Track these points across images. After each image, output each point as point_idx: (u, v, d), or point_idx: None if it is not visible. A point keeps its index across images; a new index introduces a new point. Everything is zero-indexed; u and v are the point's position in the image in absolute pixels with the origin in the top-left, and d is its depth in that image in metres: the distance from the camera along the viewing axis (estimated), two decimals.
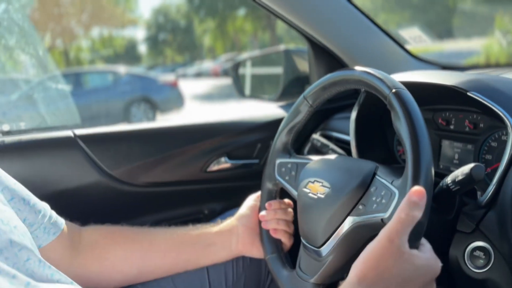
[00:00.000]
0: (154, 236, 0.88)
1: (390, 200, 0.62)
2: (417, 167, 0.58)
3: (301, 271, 0.77)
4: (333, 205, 0.70)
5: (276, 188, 0.88)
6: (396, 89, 0.64)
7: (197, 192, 1.22)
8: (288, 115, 0.86)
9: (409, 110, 0.61)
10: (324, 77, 0.78)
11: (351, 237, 0.68)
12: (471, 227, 0.73)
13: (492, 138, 0.86)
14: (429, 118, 0.99)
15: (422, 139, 0.59)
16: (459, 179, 0.66)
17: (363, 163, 0.72)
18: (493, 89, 0.77)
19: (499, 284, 0.69)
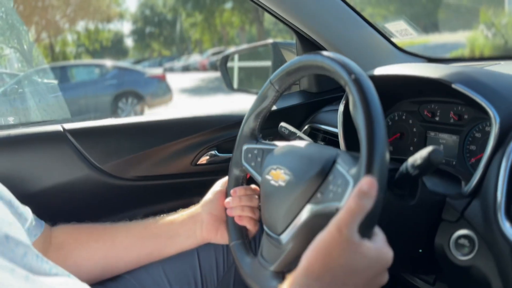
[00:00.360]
0: (116, 232, 0.89)
1: (345, 189, 0.61)
2: (371, 156, 0.57)
3: (262, 258, 0.77)
4: (293, 192, 0.70)
5: (243, 174, 0.88)
6: (355, 75, 0.62)
7: (187, 185, 1.22)
8: (255, 100, 0.86)
9: (366, 98, 0.59)
10: (288, 62, 0.79)
11: (310, 226, 0.68)
12: (456, 216, 0.75)
13: (476, 129, 0.88)
14: (415, 110, 1.01)
15: (378, 129, 0.57)
16: (418, 164, 0.65)
17: (325, 150, 0.72)
18: (477, 81, 0.79)
19: (483, 271, 0.71)
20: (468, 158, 0.89)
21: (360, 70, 0.64)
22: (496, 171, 0.69)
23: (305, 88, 1.42)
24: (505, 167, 0.68)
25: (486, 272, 0.70)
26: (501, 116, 0.73)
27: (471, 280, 0.73)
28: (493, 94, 0.76)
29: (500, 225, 0.65)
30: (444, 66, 0.88)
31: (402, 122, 1.04)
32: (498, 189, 0.67)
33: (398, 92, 1.00)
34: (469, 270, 0.73)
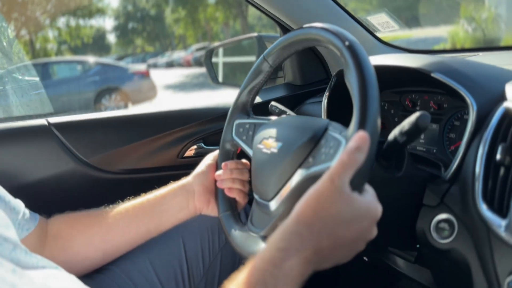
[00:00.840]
0: (111, 215, 0.88)
1: (338, 149, 0.63)
2: (364, 114, 0.58)
3: (252, 225, 0.78)
4: (285, 158, 0.71)
5: (234, 149, 0.89)
6: (349, 42, 0.64)
7: (173, 177, 1.22)
8: (248, 75, 0.86)
9: (360, 62, 0.62)
10: (282, 37, 0.80)
11: (301, 190, 0.67)
12: (436, 201, 0.77)
13: (455, 117, 0.91)
14: (397, 100, 1.03)
15: (371, 89, 0.60)
16: (406, 129, 0.67)
17: (317, 120, 0.74)
18: (455, 70, 0.82)
19: (462, 253, 0.73)
20: (448, 145, 0.92)
21: (353, 37, 0.66)
22: (474, 157, 0.72)
23: (290, 80, 1.43)
24: (482, 153, 0.71)
25: (465, 254, 0.73)
26: (478, 104, 0.76)
27: (451, 262, 0.76)
28: (470, 83, 0.79)
29: (478, 209, 0.68)
30: (424, 56, 0.91)
31: (384, 112, 1.07)
32: (475, 174, 0.70)
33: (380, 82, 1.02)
34: (449, 252, 0.75)
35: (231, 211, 0.86)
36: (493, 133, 0.71)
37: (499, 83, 0.79)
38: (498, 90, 0.78)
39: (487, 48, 1.33)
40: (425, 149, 0.96)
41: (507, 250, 0.62)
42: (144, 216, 0.89)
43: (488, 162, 0.70)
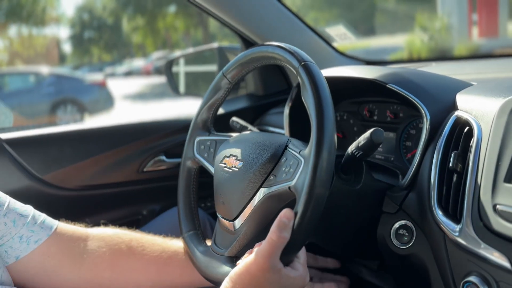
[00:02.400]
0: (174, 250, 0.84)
1: (297, 168, 0.65)
2: (321, 134, 0.61)
3: (215, 245, 0.77)
4: (247, 177, 0.71)
5: (195, 166, 0.88)
6: (305, 62, 0.66)
7: (134, 193, 1.20)
8: (207, 92, 0.86)
9: (316, 82, 0.64)
10: (240, 54, 0.81)
11: (263, 209, 0.70)
12: (395, 208, 0.80)
13: (410, 126, 0.94)
14: (355, 110, 1.06)
15: (327, 109, 0.62)
16: (362, 144, 0.71)
17: (277, 137, 0.75)
18: (409, 81, 0.85)
19: (421, 258, 0.76)
20: (405, 153, 0.95)
21: (309, 57, 0.68)
22: (429, 164, 0.75)
23: (252, 91, 1.44)
24: (436, 160, 0.74)
25: (424, 259, 0.75)
26: (431, 113, 0.79)
27: (411, 267, 0.78)
28: (423, 93, 0.82)
29: (434, 214, 0.70)
30: (379, 68, 0.94)
31: (343, 122, 1.09)
32: (430, 181, 0.73)
33: (339, 93, 1.05)
34: (409, 258, 0.78)
35: (194, 231, 0.84)
36: (445, 141, 0.74)
37: (451, 93, 0.83)
38: (450, 100, 0.82)
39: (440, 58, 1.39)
40: (383, 158, 0.99)
41: (462, 254, 0.65)
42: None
43: (442, 170, 0.73)
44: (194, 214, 0.87)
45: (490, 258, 0.60)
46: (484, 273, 0.61)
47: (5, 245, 0.70)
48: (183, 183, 0.88)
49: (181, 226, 0.85)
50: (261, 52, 0.76)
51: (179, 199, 0.87)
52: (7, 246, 0.70)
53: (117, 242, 0.81)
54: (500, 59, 1.27)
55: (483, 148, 0.67)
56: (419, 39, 10.90)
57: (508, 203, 0.60)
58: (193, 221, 0.86)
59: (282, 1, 1.31)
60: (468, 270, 0.64)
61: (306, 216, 0.61)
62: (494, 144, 0.65)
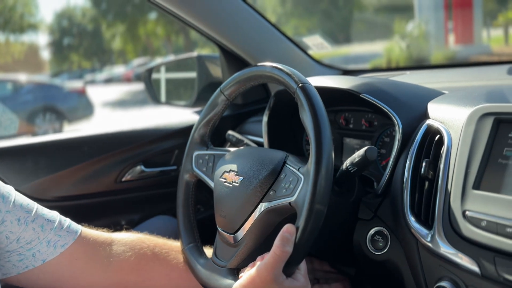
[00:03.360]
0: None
1: (297, 185, 0.68)
2: (319, 153, 0.65)
3: (216, 257, 0.79)
4: (247, 192, 0.74)
5: (193, 180, 0.90)
6: (303, 83, 0.70)
7: (112, 203, 1.19)
8: (205, 108, 0.88)
9: (313, 103, 0.68)
10: (239, 72, 0.83)
11: (263, 222, 0.73)
12: (370, 214, 0.82)
13: (385, 134, 0.96)
14: (332, 119, 1.08)
15: (324, 129, 0.66)
16: (356, 161, 0.74)
17: (274, 153, 0.78)
18: (382, 91, 0.87)
19: (396, 263, 0.78)
20: (380, 161, 0.97)
21: (306, 79, 0.72)
22: (401, 172, 0.77)
23: None
24: (408, 168, 0.76)
25: (398, 264, 0.77)
26: (403, 122, 0.81)
27: (386, 273, 0.80)
28: (396, 102, 0.84)
29: (407, 221, 0.72)
30: (354, 77, 0.96)
31: None
32: (403, 188, 0.75)
33: None
34: (384, 264, 0.79)
35: (194, 243, 0.85)
36: (417, 149, 0.77)
37: (422, 102, 0.85)
38: (421, 109, 0.84)
39: (414, 67, 1.43)
40: None
41: (434, 259, 0.66)
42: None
43: (414, 177, 0.75)
44: (193, 226, 0.88)
45: (460, 263, 0.62)
46: (455, 278, 0.63)
47: (33, 249, 0.73)
48: (181, 197, 0.89)
49: (181, 239, 0.86)
50: (259, 71, 0.79)
51: (179, 212, 0.88)
52: (35, 250, 0.73)
53: (141, 247, 0.83)
54: (472, 68, 1.31)
55: (453, 156, 0.69)
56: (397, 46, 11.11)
57: (476, 209, 0.62)
58: (193, 233, 0.87)
59: (260, 12, 1.32)
60: (440, 275, 0.65)
61: (307, 230, 0.64)
62: (463, 151, 0.68)
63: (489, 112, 0.67)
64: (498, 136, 0.65)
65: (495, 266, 0.58)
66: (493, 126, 0.66)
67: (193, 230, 0.87)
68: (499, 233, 0.58)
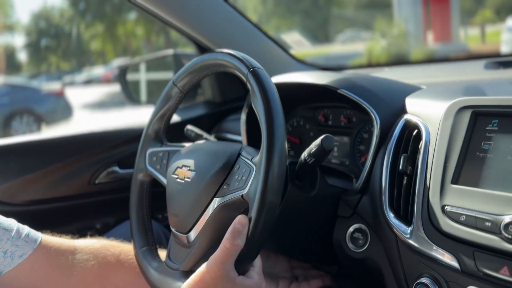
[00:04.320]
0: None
1: (249, 175, 0.64)
2: (271, 140, 0.61)
3: (170, 260, 0.75)
4: (199, 187, 0.70)
5: (148, 179, 0.86)
6: (254, 68, 0.66)
7: (86, 206, 1.15)
8: (158, 102, 0.84)
9: (265, 88, 0.64)
10: (190, 62, 0.79)
11: (218, 219, 0.68)
12: (350, 211, 0.80)
13: (363, 130, 0.95)
14: (311, 115, 1.06)
15: (276, 115, 0.62)
16: (313, 151, 0.71)
17: (230, 145, 0.74)
18: (360, 86, 0.86)
19: (376, 261, 0.76)
20: (359, 157, 0.96)
21: (258, 64, 0.68)
22: (380, 168, 0.76)
23: (209, 98, 1.42)
24: (387, 164, 0.75)
25: (378, 262, 0.76)
26: (381, 117, 0.80)
27: (367, 270, 0.79)
28: (373, 98, 0.83)
29: (386, 217, 0.71)
30: (332, 73, 0.95)
31: (300, 127, 1.09)
32: (382, 184, 0.74)
33: (295, 98, 1.05)
34: (364, 261, 0.78)
35: (148, 246, 0.81)
36: (395, 144, 0.75)
37: (400, 97, 0.84)
38: (399, 104, 0.83)
39: (392, 63, 1.43)
40: (339, 162, 1.00)
41: (414, 255, 0.65)
42: None
43: (393, 173, 0.74)
44: (147, 229, 0.84)
45: (440, 259, 0.61)
46: (435, 274, 0.62)
47: None
48: (135, 197, 0.85)
49: (134, 242, 0.82)
50: (211, 59, 0.75)
51: (132, 214, 0.84)
52: None
53: (105, 255, 0.79)
54: (449, 64, 1.31)
55: (431, 150, 0.68)
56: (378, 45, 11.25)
57: (455, 204, 0.61)
58: (147, 236, 0.83)
59: (240, 11, 1.30)
60: (420, 272, 0.64)
61: (260, 223, 0.60)
62: (441, 146, 0.67)
63: (467, 105, 0.67)
64: (476, 130, 0.65)
65: (475, 261, 0.57)
66: (471, 119, 0.65)
67: (147, 233, 0.83)
68: (478, 228, 0.57)
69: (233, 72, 0.71)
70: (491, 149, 0.62)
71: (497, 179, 0.59)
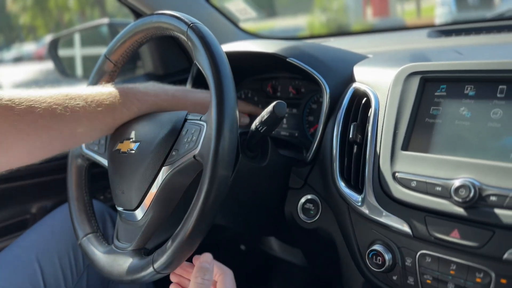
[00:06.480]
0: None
1: (200, 134, 0.60)
2: (220, 92, 0.58)
3: (118, 241, 0.69)
4: (145, 158, 0.65)
5: (86, 164, 0.79)
6: (193, 23, 0.63)
7: (19, 189, 1.05)
8: (90, 79, 0.78)
9: (208, 41, 0.61)
10: (123, 30, 0.73)
11: (168, 189, 0.64)
12: (301, 183, 0.79)
13: (312, 100, 0.94)
14: (259, 87, 1.03)
15: (222, 66, 0.59)
16: (265, 118, 0.69)
17: (175, 113, 0.69)
18: (309, 55, 0.84)
19: (328, 230, 0.76)
20: (308, 128, 0.94)
21: (196, 20, 0.64)
22: (330, 138, 0.74)
23: (150, 70, 1.34)
24: (337, 133, 0.73)
25: (330, 231, 0.75)
26: (330, 87, 0.78)
27: (319, 241, 0.78)
28: (323, 67, 0.81)
29: (337, 186, 0.70)
30: (280, 41, 0.91)
31: (248, 99, 1.06)
32: (332, 154, 0.72)
33: (241, 70, 1.01)
34: (316, 231, 0.77)
35: (93, 233, 0.75)
36: (345, 113, 0.74)
37: (348, 66, 0.83)
38: (347, 73, 0.82)
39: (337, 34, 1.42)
40: (288, 134, 0.98)
41: (366, 223, 0.65)
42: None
43: (343, 142, 0.73)
44: (90, 216, 0.78)
45: (392, 225, 0.61)
46: (387, 241, 0.62)
47: None
48: (72, 186, 0.78)
49: (76, 232, 0.76)
50: (145, 24, 0.69)
51: (71, 204, 0.78)
52: None
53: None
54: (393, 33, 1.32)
55: (381, 118, 0.68)
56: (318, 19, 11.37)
57: (406, 170, 0.61)
58: (90, 223, 0.77)
59: None
60: (372, 239, 0.64)
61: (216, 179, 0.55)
62: (391, 113, 0.66)
63: (415, 71, 0.66)
64: (425, 96, 0.65)
65: (426, 226, 0.57)
66: (420, 85, 0.65)
67: (90, 220, 0.77)
68: (428, 193, 0.58)
69: (171, 34, 0.66)
70: (440, 115, 0.62)
71: (446, 144, 0.60)
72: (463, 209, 0.54)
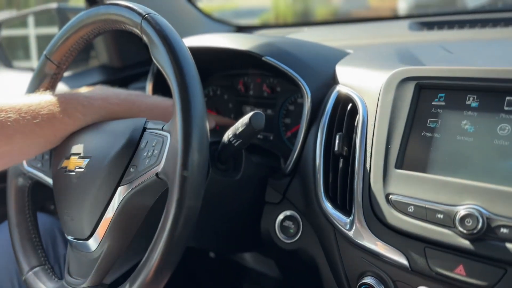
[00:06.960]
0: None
1: (163, 147, 0.51)
2: (186, 96, 0.48)
3: (70, 277, 0.59)
4: (97, 176, 0.55)
5: (28, 183, 0.68)
6: (148, 14, 0.54)
7: None
8: (30, 81, 0.66)
9: (166, 34, 0.52)
10: (65, 26, 0.62)
11: (127, 213, 0.54)
12: (279, 197, 0.71)
13: (289, 101, 0.85)
14: (229, 84, 0.93)
15: (186, 65, 0.50)
16: (240, 131, 0.60)
17: (131, 121, 0.59)
18: (286, 52, 0.74)
19: (310, 253, 0.68)
20: (285, 131, 0.86)
21: (151, 10, 0.55)
22: (313, 147, 0.66)
23: (106, 62, 1.21)
24: (320, 141, 0.65)
25: (313, 254, 0.67)
26: (312, 89, 0.70)
27: (299, 263, 0.70)
28: (302, 66, 0.72)
29: (321, 205, 0.62)
30: (253, 37, 0.82)
31: (217, 97, 0.96)
32: (316, 166, 0.64)
33: (210, 65, 0.91)
34: (296, 253, 0.69)
35: (40, 266, 0.64)
36: (329, 120, 0.66)
37: (330, 65, 0.74)
38: (329, 72, 0.73)
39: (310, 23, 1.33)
40: (262, 137, 0.89)
41: (355, 251, 0.57)
42: None
43: (327, 153, 0.65)
44: (36, 246, 0.66)
45: (386, 256, 0.53)
46: (380, 273, 0.55)
47: None
48: (13, 210, 0.67)
49: (20, 265, 0.64)
50: (91, 17, 0.58)
51: (12, 231, 0.66)
52: None
53: None
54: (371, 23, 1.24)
55: (370, 129, 0.60)
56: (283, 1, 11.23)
57: (401, 193, 0.53)
58: (37, 254, 0.66)
59: None
60: (363, 270, 0.57)
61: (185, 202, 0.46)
62: (382, 124, 0.58)
63: (410, 76, 0.58)
64: (421, 105, 0.57)
65: (426, 259, 0.50)
66: (415, 93, 0.57)
67: (35, 250, 0.66)
68: (429, 221, 0.50)
69: (122, 28, 0.56)
70: (439, 128, 0.55)
71: (446, 162, 0.53)
72: (469, 242, 0.48)
